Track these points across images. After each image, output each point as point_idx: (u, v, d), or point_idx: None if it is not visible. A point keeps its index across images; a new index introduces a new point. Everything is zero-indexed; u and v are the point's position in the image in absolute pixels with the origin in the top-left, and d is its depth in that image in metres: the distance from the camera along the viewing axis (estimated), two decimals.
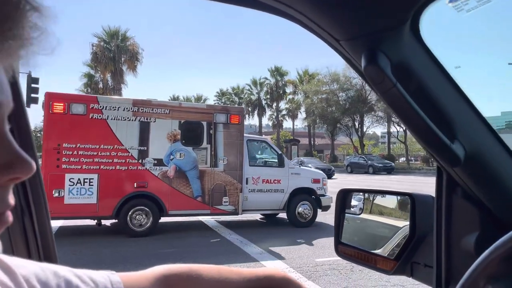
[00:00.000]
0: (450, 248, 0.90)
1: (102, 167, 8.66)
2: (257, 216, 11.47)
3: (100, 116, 8.69)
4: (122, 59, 48.61)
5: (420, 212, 1.00)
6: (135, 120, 8.95)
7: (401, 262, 1.01)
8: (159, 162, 9.09)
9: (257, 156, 10.50)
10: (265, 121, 59.16)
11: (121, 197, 8.76)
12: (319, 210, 10.39)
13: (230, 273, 0.69)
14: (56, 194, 8.32)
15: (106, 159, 8.70)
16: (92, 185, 8.57)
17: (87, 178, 8.54)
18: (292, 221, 10.19)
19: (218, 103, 58.98)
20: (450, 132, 0.76)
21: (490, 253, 0.62)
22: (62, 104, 8.42)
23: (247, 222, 11.17)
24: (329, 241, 7.67)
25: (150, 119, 9.06)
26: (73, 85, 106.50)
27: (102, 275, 0.59)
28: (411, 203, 1.02)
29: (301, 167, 11.22)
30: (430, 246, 0.96)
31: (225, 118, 9.66)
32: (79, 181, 8.49)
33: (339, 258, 5.12)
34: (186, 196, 9.27)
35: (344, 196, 1.27)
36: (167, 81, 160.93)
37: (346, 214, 1.26)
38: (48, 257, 0.75)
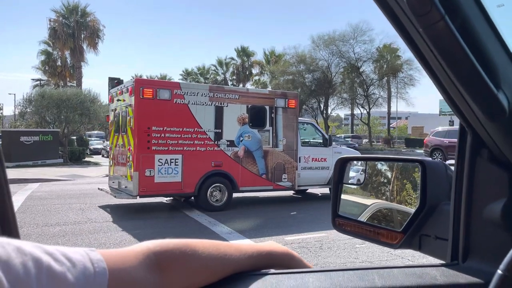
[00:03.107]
0: (470, 217, 0.82)
1: (185, 148, 9.49)
2: (290, 192, 12.66)
3: (182, 101, 9.47)
4: (82, 35, 47.00)
5: (431, 179, 0.93)
6: (211, 105, 9.81)
7: (408, 235, 0.95)
8: (231, 143, 10.05)
9: (306, 136, 11.72)
10: None
11: (201, 175, 9.66)
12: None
13: (229, 249, 0.64)
14: (148, 174, 9.10)
15: (188, 141, 9.54)
16: (178, 165, 9.40)
17: (173, 159, 9.36)
18: None
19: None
20: (494, 80, 0.65)
21: None
22: (151, 90, 9.11)
23: None
24: (297, 220, 8.79)
25: (223, 104, 9.96)
26: (30, 62, 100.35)
27: (80, 252, 0.51)
28: (422, 170, 0.95)
29: (341, 146, 12.59)
30: (442, 216, 0.90)
31: (284, 103, 10.74)
32: (166, 161, 9.29)
33: (307, 236, 7.39)
34: (253, 174, 10.34)
35: (343, 165, 1.19)
36: (130, 59, 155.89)
37: (345, 185, 1.20)
38: (7, 232, 0.61)
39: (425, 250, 0.94)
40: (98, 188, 11.01)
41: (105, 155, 36.84)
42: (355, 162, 1.24)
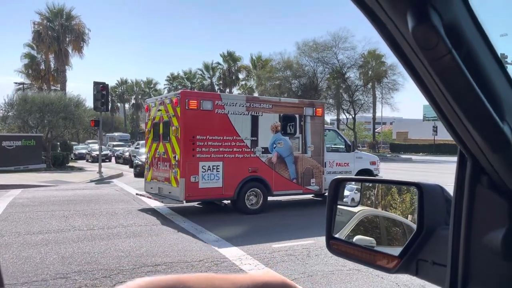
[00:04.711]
0: (469, 245, 0.79)
1: (225, 155, 10.05)
2: (310, 195, 13.21)
3: (222, 111, 10.04)
4: (67, 39, 46.48)
5: (428, 203, 0.92)
6: (247, 114, 10.40)
7: (405, 260, 0.93)
8: (265, 150, 10.66)
9: (330, 143, 12.43)
10: None
11: (239, 181, 10.22)
12: None
13: (224, 282, 0.62)
14: (193, 180, 9.61)
15: (228, 148, 10.10)
16: (219, 171, 9.95)
17: (215, 165, 9.90)
18: None
19: (169, 87, 58.65)
20: (499, 113, 0.65)
21: None
22: (195, 101, 9.65)
23: (200, 208, 10.99)
24: (285, 227, 8.77)
25: (258, 113, 10.57)
26: (13, 65, 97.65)
27: None
28: (419, 194, 0.94)
29: (360, 152, 13.36)
30: (439, 241, 0.88)
31: (312, 111, 11.43)
32: (209, 168, 9.83)
33: (295, 243, 7.49)
34: (285, 178, 10.96)
35: (338, 186, 1.18)
36: (115, 63, 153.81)
37: (339, 206, 1.17)
38: None
39: (422, 276, 0.92)
40: (136, 194, 11.37)
41: (89, 160, 36.52)
42: (350, 183, 1.22)
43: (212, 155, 9.86)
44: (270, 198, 10.94)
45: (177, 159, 9.69)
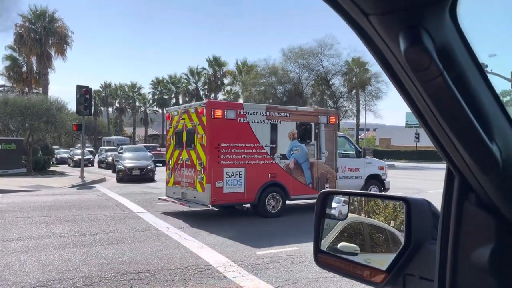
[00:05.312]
0: (457, 260, 0.80)
1: (247, 161, 10.41)
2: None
3: (244, 120, 10.42)
4: (50, 41, 45.83)
5: (416, 218, 0.93)
6: (267, 123, 10.79)
7: (393, 274, 0.93)
8: (283, 157, 11.06)
9: (341, 149, 12.92)
10: None
11: (260, 186, 10.58)
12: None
13: None
14: (218, 185, 9.93)
15: (249, 155, 10.47)
16: (241, 177, 10.29)
17: (237, 171, 10.24)
18: None
19: (153, 91, 58.26)
20: (488, 133, 0.67)
21: None
22: (220, 111, 10.00)
23: (186, 215, 10.91)
24: (269, 234, 8.70)
25: (277, 121, 10.96)
26: None
27: None
28: (406, 209, 0.95)
29: (370, 157, 13.91)
30: (427, 256, 0.89)
31: (326, 119, 11.91)
32: (232, 174, 10.17)
33: (279, 250, 7.67)
34: (301, 183, 11.37)
35: (325, 199, 1.18)
36: (99, 67, 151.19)
37: (327, 219, 1.17)
38: None
39: None
40: (159, 198, 11.56)
41: (71, 164, 35.93)
42: (338, 196, 1.22)
43: (235, 161, 10.21)
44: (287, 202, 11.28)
45: (203, 165, 9.99)
